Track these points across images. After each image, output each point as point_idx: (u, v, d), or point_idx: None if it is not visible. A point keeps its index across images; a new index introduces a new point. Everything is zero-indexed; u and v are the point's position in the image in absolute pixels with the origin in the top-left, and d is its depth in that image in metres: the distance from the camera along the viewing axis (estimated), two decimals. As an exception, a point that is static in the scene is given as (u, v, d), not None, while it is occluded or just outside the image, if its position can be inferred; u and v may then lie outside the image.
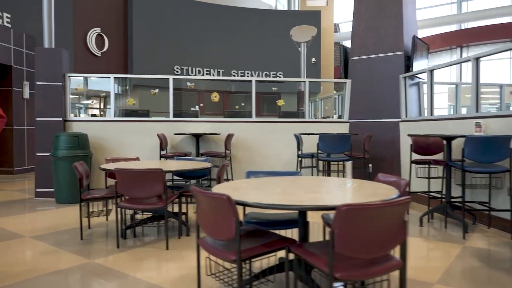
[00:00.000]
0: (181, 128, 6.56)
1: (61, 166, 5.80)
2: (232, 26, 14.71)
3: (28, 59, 10.01)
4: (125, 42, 13.22)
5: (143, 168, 3.57)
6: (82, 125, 6.39)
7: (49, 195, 6.19)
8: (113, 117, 6.49)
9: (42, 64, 6.23)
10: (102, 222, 4.63)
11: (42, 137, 6.22)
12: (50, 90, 6.23)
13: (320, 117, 11.64)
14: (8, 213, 5.28)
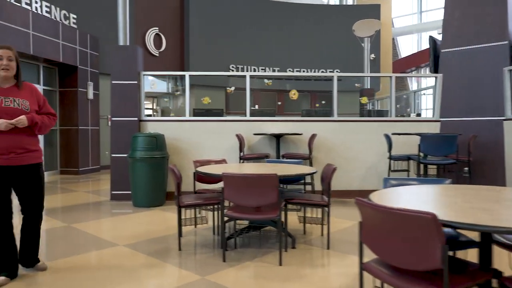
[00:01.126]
0: (257, 128, 6.16)
1: (139, 168, 5.55)
2: (286, 22, 14.23)
3: (92, 59, 10.01)
4: (181, 42, 13.08)
5: (256, 173, 3.16)
6: (156, 125, 6.13)
7: (124, 198, 5.97)
8: (188, 117, 6.19)
9: (118, 62, 6.02)
10: (191, 230, 4.28)
11: (117, 137, 6.01)
12: (125, 89, 6.02)
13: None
14: (89, 217, 5.07)
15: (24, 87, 2.84)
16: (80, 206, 5.79)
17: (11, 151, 2.67)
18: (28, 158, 2.77)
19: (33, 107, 2.82)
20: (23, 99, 2.77)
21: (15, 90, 2.78)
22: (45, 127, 2.86)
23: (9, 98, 2.71)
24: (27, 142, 2.76)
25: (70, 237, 4.09)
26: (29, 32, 8.02)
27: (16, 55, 2.81)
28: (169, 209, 5.46)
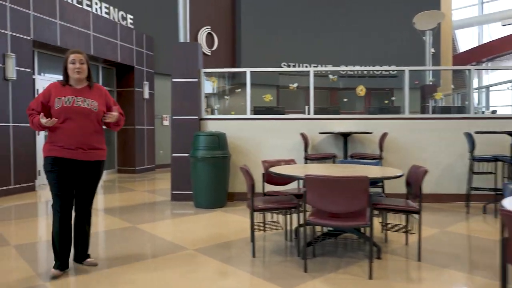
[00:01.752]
0: (320, 127, 5.81)
1: (201, 168, 5.38)
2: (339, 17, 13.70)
3: (148, 59, 10.08)
4: (233, 40, 12.96)
5: (344, 175, 2.83)
6: (217, 124, 5.95)
7: (185, 198, 5.84)
8: (248, 115, 5.96)
9: (179, 60, 5.90)
10: (260, 235, 4.01)
11: (178, 137, 5.90)
12: (186, 87, 5.88)
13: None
14: (152, 218, 4.97)
15: (95, 89, 2.98)
16: (142, 206, 5.72)
17: (79, 146, 2.84)
18: (93, 155, 2.91)
19: (101, 108, 2.94)
20: (92, 100, 2.90)
21: (86, 91, 2.93)
22: (119, 126, 3.12)
23: (80, 98, 2.87)
24: (94, 140, 2.91)
25: (137, 238, 3.97)
26: (90, 33, 8.16)
27: (87, 58, 2.95)
28: (231, 210, 5.26)
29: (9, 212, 5.30)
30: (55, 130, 2.84)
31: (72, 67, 2.86)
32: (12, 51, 6.42)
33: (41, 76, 7.62)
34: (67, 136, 2.82)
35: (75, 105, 2.83)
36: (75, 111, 2.82)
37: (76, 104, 2.83)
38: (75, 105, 2.83)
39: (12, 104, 6.43)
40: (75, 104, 2.83)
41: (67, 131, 2.82)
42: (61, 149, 2.82)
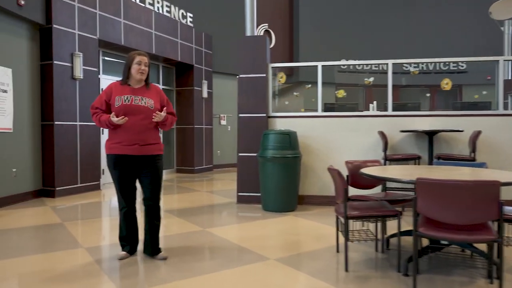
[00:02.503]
0: (401, 125, 5.26)
1: (270, 169, 5.03)
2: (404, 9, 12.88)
3: (206, 58, 9.94)
4: (290, 37, 12.57)
5: (469, 179, 2.35)
6: (285, 122, 5.58)
7: (252, 201, 5.53)
8: (320, 112, 5.53)
9: (246, 55, 5.60)
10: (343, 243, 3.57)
11: (244, 135, 5.59)
12: (253, 83, 5.57)
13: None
14: (221, 221, 4.69)
15: (151, 88, 3.16)
16: (208, 208, 5.47)
17: (135, 142, 2.99)
18: (148, 150, 3.04)
19: (156, 106, 3.09)
20: (149, 98, 3.07)
21: (143, 90, 3.11)
22: (169, 125, 3.19)
23: (138, 97, 3.04)
24: (149, 135, 3.05)
25: (210, 244, 3.68)
26: (152, 32, 8.11)
27: (149, 62, 3.17)
28: (303, 215, 4.86)
29: (76, 211, 5.25)
30: (115, 128, 3.01)
31: (137, 68, 3.04)
32: (79, 50, 6.45)
33: (105, 76, 7.65)
34: (125, 133, 2.99)
35: (134, 103, 3.01)
36: (133, 109, 2.99)
37: (134, 102, 3.01)
38: (134, 103, 3.01)
39: (79, 103, 6.46)
40: (133, 102, 3.01)
41: (125, 128, 2.99)
42: (120, 146, 3.01)
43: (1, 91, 5.38)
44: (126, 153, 3.00)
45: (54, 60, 6.04)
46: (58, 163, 6.08)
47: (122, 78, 3.12)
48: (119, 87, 3.09)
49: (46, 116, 6.11)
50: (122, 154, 3.00)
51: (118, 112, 2.96)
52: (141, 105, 3.01)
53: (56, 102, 6.07)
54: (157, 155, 3.10)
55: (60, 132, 6.14)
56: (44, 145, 6.13)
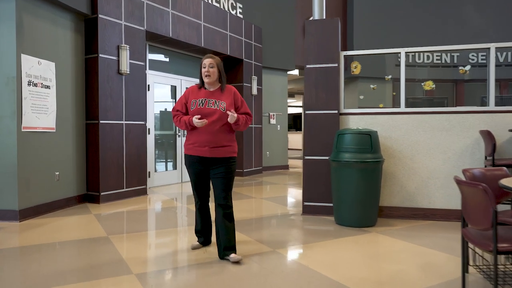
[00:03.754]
0: (508, 122, 4.30)
1: (346, 175, 4.23)
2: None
3: (256, 52, 9.24)
4: (344, 28, 11.64)
5: None
6: (359, 120, 4.75)
7: (321, 211, 4.75)
8: (402, 108, 4.66)
9: (314, 41, 4.82)
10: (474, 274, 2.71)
11: (312, 135, 4.81)
12: (322, 74, 4.78)
13: None
14: (289, 239, 3.93)
15: (226, 90, 3.18)
16: (270, 220, 4.73)
17: (206, 144, 3.09)
18: (219, 152, 3.10)
19: (228, 108, 3.09)
20: (222, 101, 3.11)
21: (218, 92, 3.16)
22: (243, 125, 3.17)
23: (212, 100, 3.12)
24: (222, 138, 3.10)
25: (292, 276, 2.93)
26: (201, 23, 7.49)
27: (218, 62, 3.16)
28: (388, 232, 4.02)
29: (122, 220, 4.67)
30: (191, 130, 3.16)
31: (203, 71, 3.12)
32: (126, 43, 5.91)
33: (152, 72, 7.11)
34: (199, 135, 3.10)
35: (207, 106, 3.09)
36: (206, 112, 3.07)
37: (208, 105, 3.09)
38: (207, 106, 3.09)
39: (125, 99, 5.92)
40: (207, 106, 3.10)
41: (199, 131, 3.10)
42: (194, 147, 3.14)
43: (44, 87, 4.90)
44: (198, 155, 3.13)
45: (99, 53, 5.52)
46: (103, 165, 5.56)
47: (200, 81, 3.21)
48: (196, 90, 3.21)
49: (90, 114, 5.61)
50: (195, 155, 3.15)
51: (193, 115, 3.09)
52: (213, 108, 3.08)
53: (102, 99, 5.55)
54: (228, 158, 3.14)
55: (106, 131, 5.62)
56: (88, 146, 5.63)
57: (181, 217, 4.84)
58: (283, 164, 10.50)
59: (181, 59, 7.90)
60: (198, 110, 3.09)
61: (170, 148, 7.72)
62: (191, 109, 3.13)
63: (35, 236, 3.89)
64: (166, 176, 7.50)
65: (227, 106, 3.09)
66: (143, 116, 6.25)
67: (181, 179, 7.84)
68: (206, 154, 3.09)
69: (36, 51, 4.77)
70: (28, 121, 4.63)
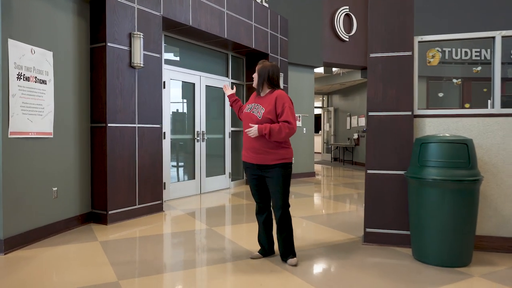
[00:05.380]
0: None
1: (433, 197, 3.19)
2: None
3: (282, 46, 8.21)
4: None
5: None
6: (438, 124, 3.70)
7: (389, 241, 3.71)
8: (498, 109, 3.60)
9: (380, 22, 3.78)
10: None
11: (377, 143, 3.78)
12: (391, 65, 3.74)
13: None
14: (362, 284, 2.89)
15: (271, 95, 3.07)
16: (320, 251, 3.68)
17: (250, 151, 3.10)
18: (262, 159, 3.05)
19: (266, 116, 3.01)
20: (263, 107, 3.05)
21: (264, 98, 3.11)
22: (275, 135, 2.96)
23: (258, 106, 3.09)
24: (262, 144, 3.03)
25: None
26: (224, 10, 6.49)
27: (258, 68, 3.15)
28: (493, 276, 2.97)
29: (135, 252, 3.66)
30: (244, 138, 3.19)
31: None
32: (139, 30, 4.92)
33: (169, 66, 6.11)
34: (245, 141, 3.15)
35: (252, 112, 3.09)
36: (248, 118, 3.10)
37: (252, 111, 3.09)
38: (252, 112, 3.09)
39: (138, 98, 4.92)
40: (252, 111, 3.09)
41: (245, 137, 3.14)
42: (244, 153, 3.19)
43: (39, 82, 3.90)
44: (246, 161, 3.17)
45: (107, 42, 4.53)
46: (111, 178, 4.57)
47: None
48: (253, 96, 3.23)
49: (96, 116, 4.61)
50: (247, 161, 3.17)
51: (243, 121, 3.19)
52: (253, 114, 3.07)
53: (110, 97, 4.56)
54: (273, 165, 3.05)
55: (115, 136, 4.62)
56: (93, 154, 4.64)
57: (208, 246, 3.82)
58: (309, 171, 9.46)
59: (200, 52, 6.90)
60: (245, 115, 3.17)
61: (188, 155, 6.71)
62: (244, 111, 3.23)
63: (19, 278, 2.88)
64: (183, 187, 6.49)
65: (265, 112, 3.02)
66: (158, 118, 5.25)
67: (200, 190, 6.82)
68: (252, 161, 3.11)
69: (28, 36, 3.78)
70: (17, 124, 3.64)
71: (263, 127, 2.96)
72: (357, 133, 12.94)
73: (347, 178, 9.68)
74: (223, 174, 7.42)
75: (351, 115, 13.55)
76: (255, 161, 3.08)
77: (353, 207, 5.77)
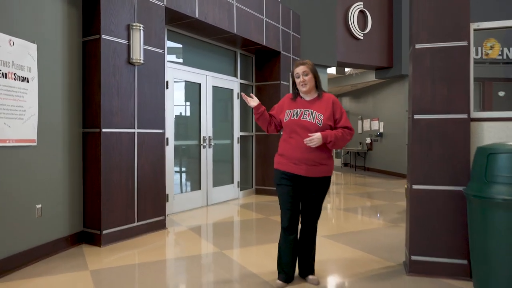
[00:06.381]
0: None
1: (503, 222, 2.54)
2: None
3: (294, 43, 7.59)
4: (389, 21, 9.95)
5: None
6: (501, 129, 3.06)
7: (440, 272, 3.06)
8: None
9: (429, 6, 3.14)
10: None
11: (424, 151, 3.13)
12: (444, 58, 3.10)
13: None
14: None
15: (324, 99, 2.82)
16: (364, 280, 3.03)
17: (302, 162, 2.72)
18: (316, 171, 2.74)
19: (326, 122, 2.75)
20: (319, 113, 2.76)
21: (315, 102, 2.82)
22: (339, 143, 2.73)
23: (308, 111, 2.78)
24: (318, 155, 2.74)
25: None
26: (233, 3, 5.87)
27: (311, 67, 2.82)
28: None
29: (134, 283, 3.01)
30: (283, 143, 2.83)
31: (297, 81, 2.82)
32: (139, 21, 4.30)
33: (172, 65, 5.50)
34: (292, 150, 2.76)
35: (302, 118, 2.77)
36: (300, 125, 2.76)
37: (302, 117, 2.77)
38: (302, 118, 2.77)
39: (137, 99, 4.30)
40: (301, 117, 2.77)
41: (292, 145, 2.76)
42: (287, 162, 2.77)
43: (19, 79, 3.28)
44: (292, 172, 2.75)
45: (102, 34, 3.91)
46: (106, 191, 3.93)
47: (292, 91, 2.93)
48: (291, 100, 2.89)
49: (89, 120, 3.98)
50: (288, 172, 2.76)
51: (286, 128, 2.84)
52: (308, 121, 2.75)
53: (105, 98, 3.93)
54: (324, 177, 2.80)
55: (110, 143, 3.99)
56: (86, 164, 4.00)
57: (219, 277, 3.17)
58: (322, 179, 8.81)
59: (207, 50, 6.28)
60: (292, 122, 2.79)
61: (193, 163, 6.07)
62: (284, 120, 2.83)
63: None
64: (188, 199, 5.84)
65: (325, 119, 2.74)
66: (161, 122, 4.62)
67: (206, 201, 6.18)
68: (302, 172, 2.74)
69: (6, 25, 3.16)
70: (-9, 130, 3.01)
71: (327, 134, 2.68)
72: (370, 137, 12.28)
73: (361, 186, 9.02)
74: (231, 183, 6.78)
75: (363, 118, 12.90)
76: (305, 173, 2.72)
77: (380, 224, 5.12)
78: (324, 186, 2.84)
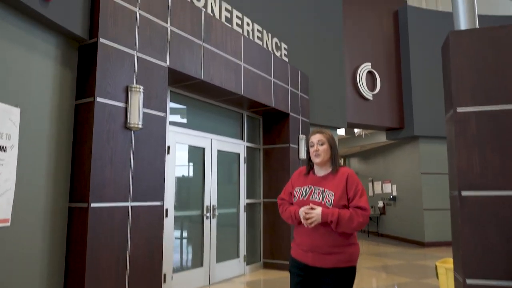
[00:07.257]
0: None
1: None
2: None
3: (303, 105, 7.27)
4: (398, 82, 9.76)
5: None
6: None
7: None
8: None
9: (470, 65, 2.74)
10: None
11: (477, 238, 2.56)
12: (491, 123, 2.64)
13: None
14: None
15: (338, 174, 2.38)
16: None
17: (310, 249, 2.31)
18: (326, 261, 2.26)
19: (338, 202, 2.29)
20: (331, 191, 2.33)
21: (329, 178, 2.40)
22: (346, 225, 2.22)
23: (319, 189, 2.37)
24: (329, 242, 2.26)
25: None
26: (240, 64, 5.59)
27: (328, 137, 2.46)
28: None
29: None
30: (297, 226, 2.42)
31: (311, 150, 2.47)
32: (139, 83, 3.93)
33: (174, 128, 5.09)
34: (302, 236, 2.37)
35: (311, 199, 2.36)
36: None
37: (311, 197, 2.36)
38: (311, 199, 2.36)
39: (133, 169, 3.81)
40: (310, 197, 2.36)
41: (302, 229, 2.36)
42: (299, 249, 2.38)
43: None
44: (300, 260, 2.35)
45: (97, 96, 3.51)
46: (91, 274, 3.31)
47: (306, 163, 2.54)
48: (302, 175, 2.50)
49: (76, 193, 3.46)
50: (297, 259, 2.38)
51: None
52: (317, 201, 2.31)
53: (96, 167, 3.44)
54: (339, 269, 2.24)
55: (100, 220, 3.43)
56: (70, 246, 3.42)
57: None
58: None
59: (211, 112, 5.92)
60: (300, 203, 2.37)
61: (195, 236, 5.45)
62: (293, 200, 2.45)
63: None
64: (188, 278, 5.15)
65: (336, 199, 2.29)
66: (159, 192, 4.09)
67: (209, 279, 5.47)
68: (309, 261, 2.30)
69: (-16, 86, 2.76)
70: (-49, 211, 2.49)
71: (329, 212, 2.24)
72: (382, 201, 11.64)
73: (377, 257, 8.25)
74: (236, 257, 6.09)
75: (374, 180, 12.34)
76: (311, 262, 2.29)
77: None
78: (341, 281, 2.28)
